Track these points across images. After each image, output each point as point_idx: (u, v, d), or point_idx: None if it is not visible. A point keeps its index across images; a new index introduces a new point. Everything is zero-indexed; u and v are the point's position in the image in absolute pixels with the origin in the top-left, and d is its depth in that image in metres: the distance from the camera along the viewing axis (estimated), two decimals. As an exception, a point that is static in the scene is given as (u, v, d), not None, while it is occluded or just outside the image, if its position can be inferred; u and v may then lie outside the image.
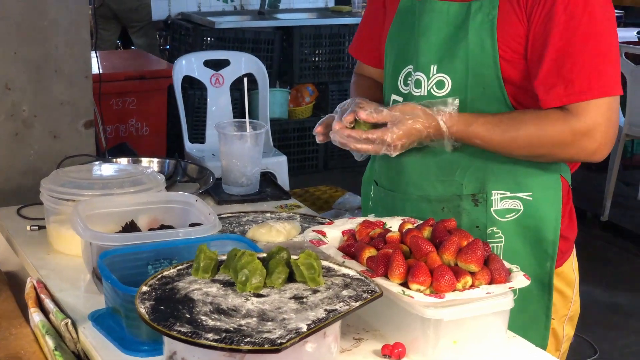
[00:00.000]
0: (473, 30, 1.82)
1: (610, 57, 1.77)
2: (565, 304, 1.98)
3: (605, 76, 1.76)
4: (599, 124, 1.76)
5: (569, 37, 1.74)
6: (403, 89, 1.95)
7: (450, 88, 1.86)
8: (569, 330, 2.02)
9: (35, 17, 2.84)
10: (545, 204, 1.88)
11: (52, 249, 2.09)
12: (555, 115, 1.77)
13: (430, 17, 1.89)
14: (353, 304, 1.42)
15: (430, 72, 1.88)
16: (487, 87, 1.83)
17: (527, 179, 1.88)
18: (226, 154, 2.50)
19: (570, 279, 1.98)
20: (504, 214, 1.88)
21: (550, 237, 1.89)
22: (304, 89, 6.26)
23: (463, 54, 1.83)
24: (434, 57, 1.88)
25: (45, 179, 2.12)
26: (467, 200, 1.90)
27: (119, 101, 4.97)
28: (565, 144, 1.78)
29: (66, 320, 1.71)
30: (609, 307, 4.24)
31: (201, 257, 1.52)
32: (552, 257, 1.89)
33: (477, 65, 1.82)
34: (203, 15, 6.19)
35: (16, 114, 2.87)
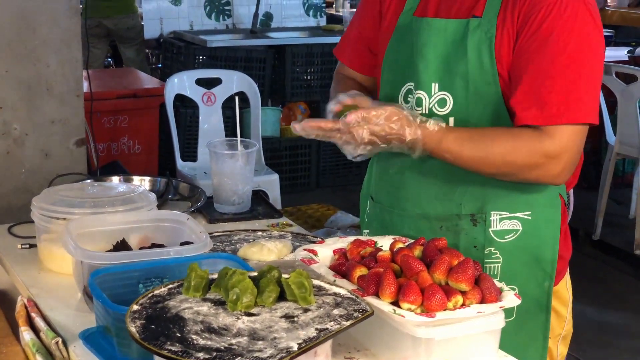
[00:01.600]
0: (472, 48, 1.81)
1: (591, 85, 1.77)
2: (560, 323, 1.97)
3: (583, 103, 1.75)
4: (569, 148, 1.76)
5: (552, 59, 1.74)
6: (404, 106, 1.93)
7: (451, 106, 1.85)
8: (563, 349, 2.01)
9: (26, 36, 2.84)
10: (544, 223, 1.88)
11: (43, 268, 2.09)
12: (528, 135, 1.77)
13: (428, 34, 1.88)
14: (344, 323, 1.42)
15: (432, 91, 1.87)
16: (489, 105, 1.83)
17: (526, 199, 1.87)
18: (218, 172, 2.50)
19: (565, 298, 1.97)
20: (503, 235, 1.88)
21: (549, 257, 1.88)
22: (295, 107, 6.27)
23: (463, 72, 1.83)
24: (434, 75, 1.87)
25: (36, 197, 2.12)
26: (465, 220, 1.89)
27: (110, 119, 4.97)
28: (535, 165, 1.77)
29: (57, 339, 1.70)
30: (600, 326, 4.24)
31: (192, 276, 1.52)
32: (551, 276, 1.88)
33: (478, 83, 1.82)
34: (195, 33, 6.20)
35: (7, 132, 2.87)
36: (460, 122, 1.85)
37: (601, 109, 5.34)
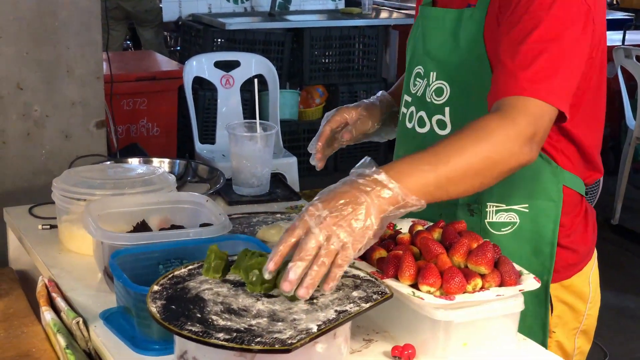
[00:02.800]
0: (464, 39, 1.79)
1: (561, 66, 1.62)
2: (576, 317, 1.92)
3: (554, 83, 1.61)
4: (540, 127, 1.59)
5: (523, 35, 1.63)
6: (412, 89, 1.94)
7: (448, 96, 1.83)
8: (583, 344, 1.96)
9: (46, 18, 2.86)
10: (542, 216, 1.82)
11: (63, 248, 2.10)
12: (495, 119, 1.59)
13: (429, 23, 1.89)
14: (363, 305, 1.43)
15: (431, 79, 1.87)
16: (482, 96, 1.75)
17: (523, 191, 1.81)
18: (236, 154, 2.50)
19: (583, 292, 1.91)
20: (500, 227, 1.84)
21: (547, 250, 1.83)
22: (314, 90, 6.26)
23: (457, 62, 1.80)
24: (433, 63, 1.86)
25: (57, 178, 2.13)
26: (462, 209, 1.86)
27: (129, 102, 4.98)
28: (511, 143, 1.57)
29: (77, 318, 1.72)
30: (619, 311, 4.23)
31: (212, 257, 1.52)
32: (549, 270, 1.84)
33: (470, 73, 1.79)
34: (213, 16, 6.20)
35: (28, 114, 2.89)
36: (456, 112, 1.82)
37: (621, 92, 5.30)
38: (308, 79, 6.16)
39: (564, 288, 1.89)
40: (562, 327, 1.91)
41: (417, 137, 1.91)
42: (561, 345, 1.92)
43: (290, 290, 1.40)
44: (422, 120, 1.90)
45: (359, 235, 1.44)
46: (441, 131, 1.86)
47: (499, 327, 1.58)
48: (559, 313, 1.89)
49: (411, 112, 1.94)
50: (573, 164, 1.83)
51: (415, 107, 1.92)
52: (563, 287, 1.88)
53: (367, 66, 6.32)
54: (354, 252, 1.44)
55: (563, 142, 1.80)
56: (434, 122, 1.87)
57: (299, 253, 1.41)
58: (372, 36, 6.27)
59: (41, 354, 1.75)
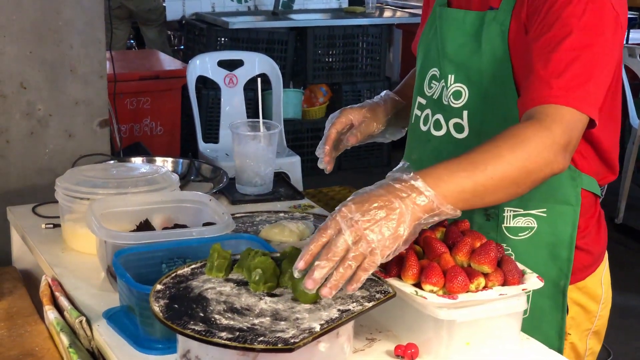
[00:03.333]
0: (486, 42, 1.77)
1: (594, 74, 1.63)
2: (589, 318, 1.91)
3: (587, 91, 1.62)
4: (573, 137, 1.60)
5: (555, 43, 1.64)
6: (427, 92, 1.91)
7: (466, 99, 1.81)
8: (594, 344, 1.95)
9: (50, 17, 2.86)
10: (560, 221, 1.81)
11: (66, 247, 2.11)
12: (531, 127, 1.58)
13: (447, 24, 1.85)
14: (366, 305, 1.43)
15: (449, 82, 1.84)
16: (502, 100, 1.76)
17: (541, 196, 1.79)
18: (240, 154, 2.50)
19: (596, 294, 1.91)
20: (517, 232, 1.82)
21: (565, 254, 1.82)
22: (317, 89, 6.26)
23: (477, 65, 1.78)
24: (451, 66, 1.83)
25: (60, 177, 2.13)
26: (479, 213, 1.84)
27: (133, 101, 4.99)
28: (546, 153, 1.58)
29: (81, 317, 1.72)
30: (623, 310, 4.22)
31: (215, 257, 1.53)
32: (567, 274, 1.82)
33: (491, 76, 1.77)
34: (217, 15, 6.20)
35: (31, 113, 2.89)
36: (474, 116, 1.80)
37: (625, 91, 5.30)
38: (311, 78, 6.16)
39: (578, 289, 1.87)
40: (576, 329, 1.90)
41: (433, 140, 1.89)
42: (574, 347, 1.90)
43: (313, 288, 1.40)
44: (438, 123, 1.87)
45: (389, 241, 1.44)
46: (458, 134, 1.84)
47: (502, 327, 1.58)
48: (573, 314, 1.87)
49: (426, 114, 1.91)
50: (590, 166, 1.82)
51: (431, 110, 1.90)
52: (577, 288, 1.87)
53: (371, 65, 6.31)
54: (382, 257, 1.44)
55: (583, 145, 1.77)
56: (450, 125, 1.85)
57: (327, 253, 1.41)
58: (375, 35, 6.27)
59: (44, 353, 1.75)
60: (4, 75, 2.83)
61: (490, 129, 1.78)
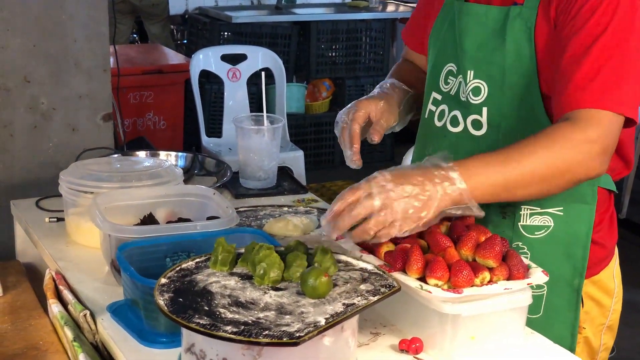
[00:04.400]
0: (511, 37, 1.74)
1: (631, 74, 1.64)
2: (603, 312, 1.91)
3: (621, 92, 1.63)
4: (608, 134, 1.62)
5: (589, 43, 1.64)
6: (443, 88, 1.89)
7: (486, 95, 1.79)
8: (608, 339, 1.95)
9: (54, 11, 2.86)
10: (576, 220, 1.80)
11: (70, 241, 2.10)
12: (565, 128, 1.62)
13: (467, 20, 1.82)
14: (371, 299, 1.42)
15: (468, 78, 1.82)
16: (524, 97, 1.75)
17: (559, 194, 1.76)
18: (243, 148, 2.50)
19: (609, 288, 1.91)
20: (533, 230, 1.82)
21: (580, 253, 1.81)
22: (320, 84, 6.26)
23: (500, 62, 1.76)
24: (471, 62, 1.81)
25: (64, 171, 2.13)
26: (495, 211, 1.83)
27: (136, 95, 4.99)
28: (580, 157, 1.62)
29: (85, 311, 1.72)
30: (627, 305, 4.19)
31: (219, 250, 1.52)
32: (581, 273, 1.82)
33: (514, 73, 1.75)
34: (220, 9, 6.20)
35: (35, 107, 2.89)
36: (493, 112, 1.79)
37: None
38: (315, 72, 6.15)
39: (592, 284, 1.87)
40: (590, 323, 1.90)
41: (449, 136, 1.87)
42: (588, 342, 1.90)
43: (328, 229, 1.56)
44: (455, 119, 1.85)
45: (410, 220, 1.54)
46: (476, 131, 1.82)
47: (506, 321, 1.58)
48: (587, 309, 1.87)
49: (442, 110, 1.89)
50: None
51: (448, 106, 1.88)
52: (592, 282, 1.87)
53: (374, 59, 6.31)
54: (399, 232, 1.53)
55: None
56: (468, 122, 1.83)
57: (351, 210, 1.53)
58: (378, 29, 6.26)
59: (48, 347, 1.75)
60: (8, 69, 2.83)
61: (509, 126, 1.78)
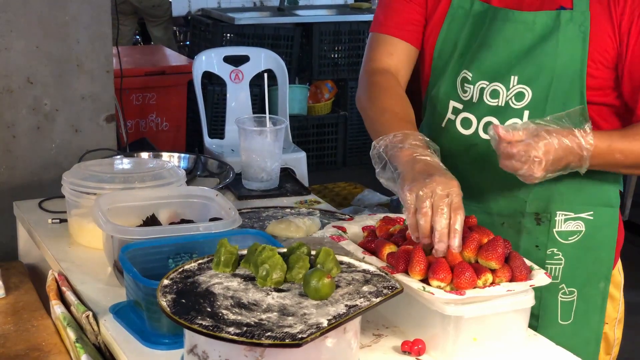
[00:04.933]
0: (564, 42, 1.75)
1: None
2: (615, 307, 1.94)
3: None
4: None
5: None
6: (463, 96, 1.86)
7: (529, 100, 1.79)
8: (619, 333, 1.98)
9: (57, 12, 2.86)
10: (605, 224, 1.84)
11: (73, 242, 2.11)
12: None
13: (514, 27, 1.80)
14: (373, 300, 1.42)
15: (510, 83, 1.80)
16: (568, 102, 1.76)
17: (590, 198, 1.82)
18: (246, 149, 2.50)
19: (618, 282, 1.94)
20: (567, 236, 1.84)
21: (606, 257, 1.85)
22: (323, 85, 6.26)
23: (550, 66, 1.76)
24: (515, 67, 1.79)
25: (67, 172, 2.13)
26: (529, 218, 1.85)
27: (139, 96, 4.99)
28: None
29: (87, 312, 1.72)
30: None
31: (222, 252, 1.52)
32: (607, 276, 1.85)
33: (562, 78, 1.76)
34: (223, 11, 6.20)
35: (38, 108, 2.89)
36: (535, 116, 1.78)
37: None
38: (317, 73, 6.16)
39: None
40: (608, 318, 1.93)
41: (481, 144, 1.84)
42: (607, 337, 1.94)
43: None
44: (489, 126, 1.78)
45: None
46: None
47: (509, 323, 1.58)
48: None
49: (465, 118, 1.86)
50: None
51: (474, 113, 1.84)
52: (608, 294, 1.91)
53: (377, 61, 6.30)
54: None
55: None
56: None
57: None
58: (381, 31, 6.25)
59: (51, 348, 1.75)
60: (11, 70, 2.83)
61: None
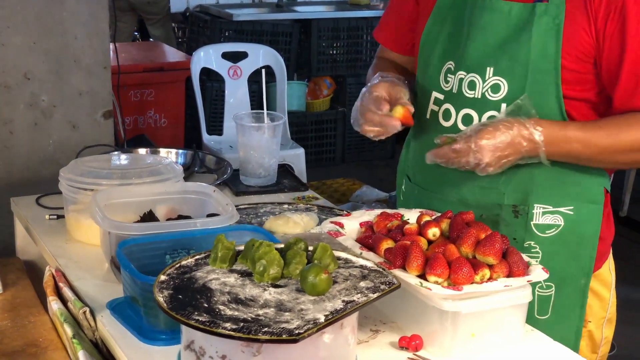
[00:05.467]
0: (537, 34, 1.75)
1: None
2: (603, 306, 1.93)
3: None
4: None
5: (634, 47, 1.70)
6: (444, 87, 1.88)
7: (506, 92, 1.79)
8: (608, 332, 1.97)
9: (54, 8, 2.85)
10: (586, 219, 1.84)
11: (70, 238, 2.10)
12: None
13: (490, 16, 1.81)
14: (371, 296, 1.42)
15: (486, 75, 1.81)
16: (544, 94, 1.77)
17: (570, 193, 1.82)
18: (244, 145, 2.50)
19: (607, 281, 1.94)
20: (544, 229, 1.84)
21: (588, 253, 1.84)
22: (321, 81, 6.25)
23: (524, 58, 1.77)
24: (490, 58, 1.80)
25: (64, 168, 2.13)
26: (507, 210, 1.85)
27: (137, 93, 4.98)
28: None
29: (84, 308, 1.72)
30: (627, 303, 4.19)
31: (219, 247, 1.52)
32: (588, 272, 1.85)
33: (537, 71, 1.76)
34: (221, 7, 6.19)
35: (35, 104, 2.89)
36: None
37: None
38: (316, 70, 6.15)
39: (594, 277, 1.90)
40: (593, 317, 1.92)
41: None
42: (591, 335, 1.93)
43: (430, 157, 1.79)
44: (469, 117, 1.84)
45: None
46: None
47: (507, 318, 1.58)
48: (590, 303, 1.90)
49: (446, 109, 1.88)
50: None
51: (454, 105, 1.86)
52: (593, 277, 1.89)
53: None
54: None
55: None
56: (484, 119, 1.82)
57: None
58: (380, 27, 6.24)
59: (48, 344, 1.75)
60: (8, 66, 2.83)
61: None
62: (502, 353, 1.57)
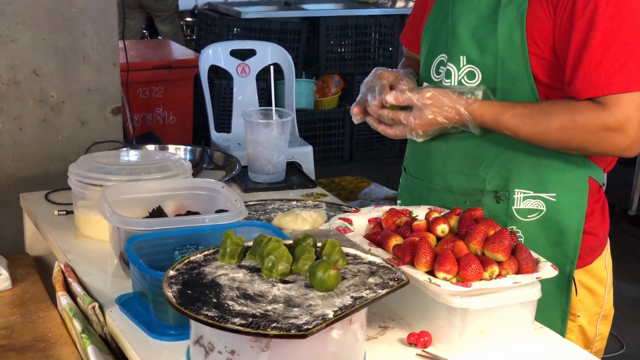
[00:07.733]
0: (502, 23, 1.78)
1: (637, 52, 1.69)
2: (597, 302, 1.93)
3: (630, 70, 1.68)
4: (631, 118, 1.68)
5: (593, 28, 1.68)
6: (435, 78, 1.93)
7: (480, 80, 1.84)
8: (603, 329, 1.97)
9: (63, 5, 2.86)
10: (569, 206, 1.84)
11: (79, 234, 2.11)
12: (587, 109, 1.70)
13: (461, 6, 1.87)
14: (379, 292, 1.42)
15: (460, 63, 1.86)
16: (517, 82, 1.79)
17: (552, 179, 1.83)
18: (252, 141, 2.50)
19: (602, 277, 1.93)
20: (526, 214, 1.85)
21: (572, 241, 1.84)
22: (329, 79, 6.25)
23: (492, 47, 1.80)
24: (463, 48, 1.85)
25: (73, 164, 2.13)
26: (489, 196, 1.87)
27: (145, 90, 4.99)
28: (596, 139, 1.71)
29: (93, 304, 1.72)
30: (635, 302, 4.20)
31: (227, 243, 1.52)
32: (573, 260, 1.85)
33: (507, 59, 1.79)
34: (230, 5, 6.19)
35: (44, 100, 2.89)
36: (488, 98, 1.82)
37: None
38: (324, 68, 6.15)
39: (585, 272, 1.90)
40: (585, 312, 1.92)
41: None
42: (583, 331, 1.92)
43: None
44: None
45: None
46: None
47: (515, 315, 1.57)
48: (581, 297, 1.90)
49: None
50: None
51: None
52: (585, 271, 1.90)
53: (383, 55, 6.30)
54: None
55: None
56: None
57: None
58: (388, 25, 6.25)
59: (57, 339, 1.76)
60: (18, 62, 2.84)
61: None
62: (511, 350, 1.57)
